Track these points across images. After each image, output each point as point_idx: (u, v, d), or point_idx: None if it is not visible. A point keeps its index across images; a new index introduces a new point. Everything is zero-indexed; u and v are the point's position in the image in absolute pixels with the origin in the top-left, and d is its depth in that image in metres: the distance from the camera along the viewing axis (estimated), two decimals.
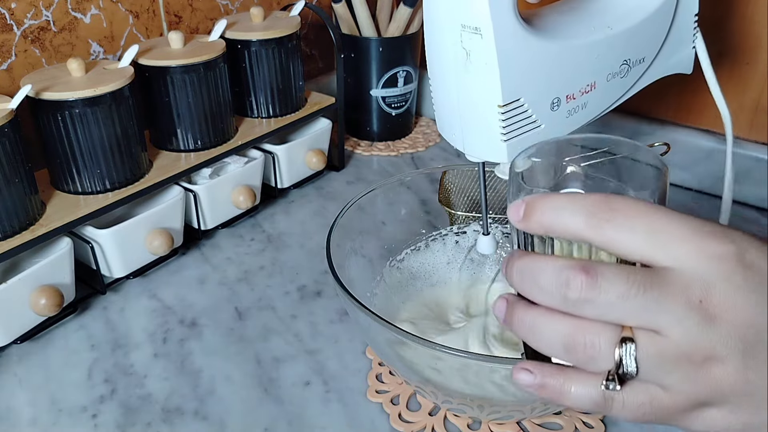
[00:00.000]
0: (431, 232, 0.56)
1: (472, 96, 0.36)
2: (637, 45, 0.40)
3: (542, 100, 0.37)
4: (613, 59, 0.39)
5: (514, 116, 0.36)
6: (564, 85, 0.37)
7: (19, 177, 0.49)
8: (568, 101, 0.38)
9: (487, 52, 0.34)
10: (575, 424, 0.44)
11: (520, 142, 0.37)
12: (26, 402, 0.46)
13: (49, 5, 0.59)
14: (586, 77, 0.38)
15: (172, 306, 0.56)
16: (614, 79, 0.39)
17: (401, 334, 0.37)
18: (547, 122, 0.37)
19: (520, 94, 0.36)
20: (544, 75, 0.36)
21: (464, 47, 0.35)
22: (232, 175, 0.64)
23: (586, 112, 0.39)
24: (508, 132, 0.36)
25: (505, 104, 0.35)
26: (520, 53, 0.35)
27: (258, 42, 0.66)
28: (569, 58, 0.37)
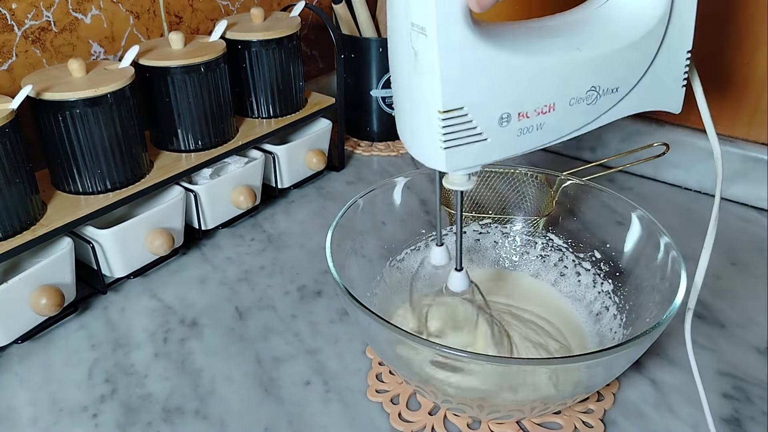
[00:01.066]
0: (431, 232, 0.56)
1: (418, 98, 0.35)
2: (610, 73, 0.37)
3: (489, 113, 0.35)
4: (578, 83, 0.36)
5: (456, 124, 0.34)
6: (515, 101, 0.35)
7: (20, 177, 0.49)
8: (521, 119, 0.35)
9: (430, 54, 0.33)
10: (575, 423, 0.44)
11: (461, 152, 0.35)
12: (27, 402, 0.46)
13: (50, 6, 0.59)
14: (543, 97, 0.36)
15: (172, 306, 0.56)
16: (579, 104, 0.37)
17: (401, 333, 0.37)
18: (493, 137, 0.35)
19: (463, 102, 0.34)
20: (492, 86, 0.34)
21: (413, 46, 0.33)
22: (233, 176, 0.64)
23: (541, 134, 0.37)
24: (447, 140, 0.35)
25: (445, 110, 0.34)
26: (465, 59, 0.33)
27: (258, 42, 0.66)
28: (524, 73, 0.35)
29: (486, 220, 0.56)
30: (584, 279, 0.53)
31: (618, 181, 0.76)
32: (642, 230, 0.48)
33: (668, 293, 0.42)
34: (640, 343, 0.37)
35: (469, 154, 0.36)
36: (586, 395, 0.42)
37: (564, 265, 0.54)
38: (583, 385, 0.39)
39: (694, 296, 0.41)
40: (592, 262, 0.52)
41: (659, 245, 0.46)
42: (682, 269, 0.42)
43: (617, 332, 0.47)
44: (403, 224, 0.55)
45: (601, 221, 0.52)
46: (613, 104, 0.38)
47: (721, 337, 0.52)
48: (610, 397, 0.46)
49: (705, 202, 0.72)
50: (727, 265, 0.61)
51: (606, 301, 0.50)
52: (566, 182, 0.53)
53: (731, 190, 0.71)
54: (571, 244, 0.54)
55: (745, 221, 0.68)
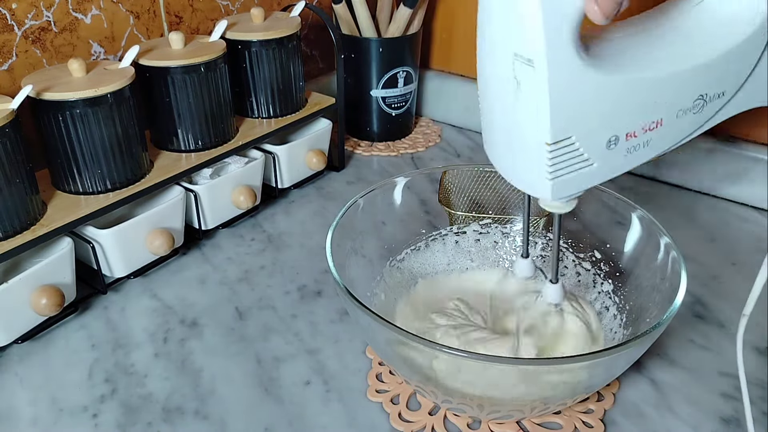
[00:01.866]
0: (431, 232, 0.56)
1: (520, 127, 0.33)
2: (717, 78, 0.34)
3: (597, 139, 0.33)
4: (686, 95, 0.34)
5: (563, 154, 0.33)
6: (624, 122, 0.33)
7: (20, 177, 0.49)
8: (628, 139, 0.34)
9: (538, 87, 0.31)
10: (575, 423, 0.44)
11: (567, 181, 0.34)
12: (27, 401, 0.46)
13: (50, 6, 0.59)
14: (652, 114, 0.34)
15: (172, 306, 0.56)
16: (686, 115, 0.35)
17: (401, 333, 0.37)
18: (600, 161, 0.34)
19: (572, 132, 0.32)
20: (601, 112, 0.32)
21: (516, 77, 0.32)
22: (233, 176, 0.64)
23: (648, 150, 0.35)
24: (554, 170, 0.33)
25: (553, 142, 0.32)
26: (574, 89, 0.31)
27: (258, 42, 0.66)
28: (632, 93, 0.33)
29: (486, 220, 0.56)
30: (584, 279, 0.53)
31: (618, 181, 0.75)
32: (642, 230, 0.48)
33: (668, 293, 0.42)
34: (640, 343, 0.37)
35: (575, 181, 0.34)
36: (586, 395, 0.42)
37: (564, 265, 0.54)
38: (583, 385, 0.39)
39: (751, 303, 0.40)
40: (592, 262, 0.52)
41: (659, 245, 0.46)
42: (682, 269, 0.42)
43: (617, 332, 0.47)
44: (403, 224, 0.55)
45: (601, 221, 0.52)
46: (719, 108, 0.36)
47: (721, 337, 0.52)
48: (610, 397, 0.46)
49: (705, 202, 0.72)
50: (727, 265, 0.61)
51: (606, 301, 0.50)
52: None
53: (731, 190, 0.71)
54: (571, 244, 0.54)
55: (745, 221, 0.68)
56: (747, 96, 0.36)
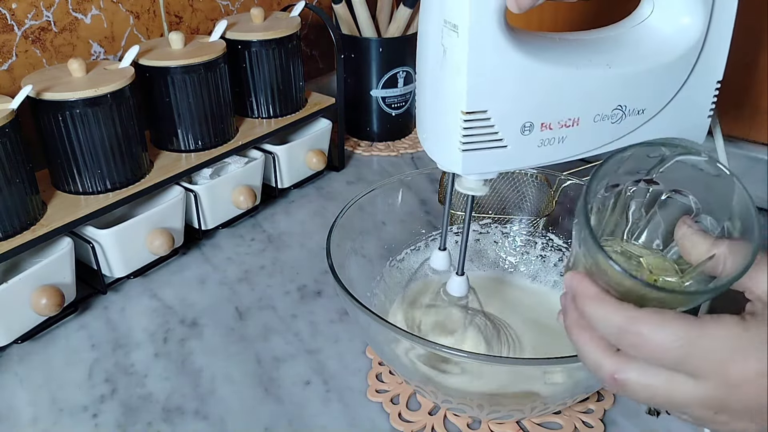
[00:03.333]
0: (431, 232, 0.56)
1: (442, 97, 0.35)
2: (638, 93, 0.36)
3: (512, 120, 0.34)
4: (605, 100, 0.35)
5: (477, 127, 0.34)
6: (540, 110, 0.35)
7: (20, 177, 0.49)
8: (543, 130, 0.35)
9: (460, 52, 0.32)
10: (575, 423, 0.44)
11: (479, 156, 0.35)
12: (27, 401, 0.46)
13: (50, 6, 0.59)
14: (569, 110, 0.35)
15: (172, 306, 0.56)
16: (603, 122, 0.36)
17: (401, 333, 0.37)
18: (514, 144, 0.35)
19: (488, 105, 0.33)
20: (518, 93, 0.34)
21: (443, 43, 0.33)
22: (233, 175, 0.64)
23: (563, 147, 0.36)
24: (467, 142, 0.34)
25: (468, 111, 0.34)
26: (494, 61, 0.33)
27: (258, 42, 0.66)
28: (551, 83, 0.34)
29: (486, 220, 0.56)
30: None
31: None
32: None
33: None
34: None
35: (487, 159, 0.35)
36: (586, 395, 0.42)
37: (564, 265, 0.54)
38: (583, 385, 0.39)
39: None
40: None
41: None
42: None
43: None
44: (403, 224, 0.55)
45: None
46: (637, 126, 0.37)
47: None
48: (610, 397, 0.46)
49: None
50: None
51: None
52: (566, 182, 0.53)
53: None
54: (571, 245, 0.54)
55: None
56: (669, 121, 0.37)
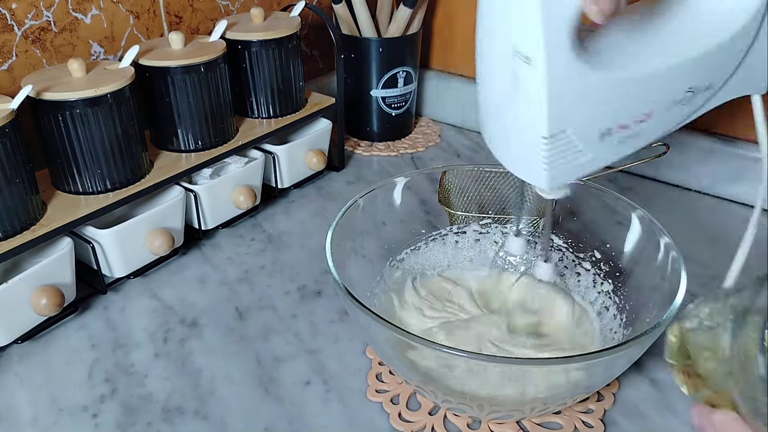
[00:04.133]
0: (431, 232, 0.56)
1: (518, 120, 0.35)
2: (706, 72, 0.36)
3: (591, 131, 0.35)
4: (676, 88, 0.35)
5: (559, 146, 0.34)
6: (617, 115, 0.35)
7: (20, 177, 0.49)
8: (620, 131, 0.35)
9: (536, 84, 0.32)
10: (575, 423, 0.44)
11: (562, 170, 0.35)
12: (27, 401, 0.46)
13: (50, 6, 0.59)
14: (644, 107, 0.35)
15: (172, 306, 0.56)
16: (675, 106, 0.36)
17: (401, 333, 0.37)
18: (593, 151, 0.35)
19: (567, 125, 0.34)
20: (595, 107, 0.34)
21: (515, 72, 0.33)
22: (233, 175, 0.64)
23: (638, 140, 0.37)
24: (550, 161, 0.35)
25: (550, 135, 0.33)
26: (570, 85, 0.33)
27: (258, 42, 0.66)
28: (625, 89, 0.34)
29: (486, 220, 0.56)
30: (584, 279, 0.53)
31: (618, 181, 0.76)
32: (642, 230, 0.48)
33: (668, 293, 0.42)
34: (640, 343, 0.37)
35: (569, 170, 0.36)
36: (586, 395, 0.42)
37: (564, 265, 0.54)
38: (583, 385, 0.39)
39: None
40: (592, 262, 0.52)
41: (659, 245, 0.46)
42: (682, 269, 0.42)
43: (617, 332, 0.47)
44: (403, 224, 0.55)
45: (601, 221, 0.52)
46: (707, 99, 0.37)
47: None
48: (610, 397, 0.46)
49: (705, 202, 0.72)
50: (728, 265, 0.61)
51: (606, 301, 0.50)
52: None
53: (731, 190, 0.71)
54: (571, 244, 0.54)
55: (745, 221, 0.68)
56: (734, 85, 0.38)
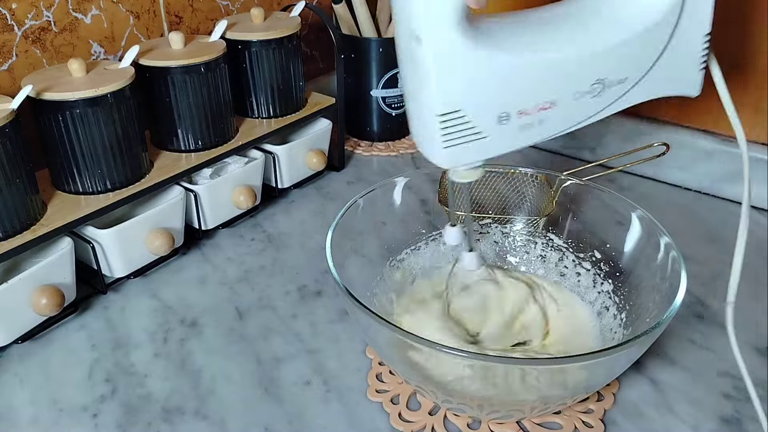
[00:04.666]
0: (431, 232, 0.56)
1: (419, 101, 0.36)
2: (616, 65, 0.35)
3: (487, 114, 0.35)
4: (582, 78, 0.35)
5: (454, 126, 0.35)
6: (514, 99, 0.35)
7: (20, 177, 0.49)
8: (521, 116, 0.35)
9: (425, 62, 0.33)
10: (575, 423, 0.44)
11: (461, 150, 0.36)
12: (27, 401, 0.46)
13: (50, 6, 0.59)
14: (544, 94, 0.35)
15: (172, 306, 0.56)
16: (583, 98, 0.36)
17: (401, 333, 0.37)
18: (493, 134, 0.36)
19: (460, 105, 0.34)
20: (489, 88, 0.34)
21: (411, 52, 0.34)
22: (233, 176, 0.64)
23: (543, 128, 0.36)
24: (446, 140, 0.35)
25: (442, 113, 0.34)
26: (460, 65, 0.33)
27: (258, 42, 0.66)
28: (522, 72, 0.34)
29: (486, 220, 0.56)
30: (584, 279, 0.53)
31: (618, 181, 0.76)
32: (642, 230, 0.48)
33: (668, 293, 0.42)
34: (640, 343, 0.37)
35: (469, 151, 0.36)
36: (586, 395, 0.42)
37: (564, 265, 0.54)
38: (583, 385, 0.39)
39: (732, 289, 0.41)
40: (592, 262, 0.52)
41: (659, 245, 0.46)
42: (682, 269, 0.42)
43: (617, 332, 0.47)
44: (403, 224, 0.55)
45: (601, 221, 0.52)
46: (622, 93, 0.37)
47: (721, 337, 0.52)
48: (610, 397, 0.46)
49: (705, 202, 0.72)
50: (728, 265, 0.61)
51: (606, 301, 0.50)
52: (566, 182, 0.53)
53: (731, 190, 0.71)
54: (571, 244, 0.54)
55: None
56: (655, 82, 0.37)
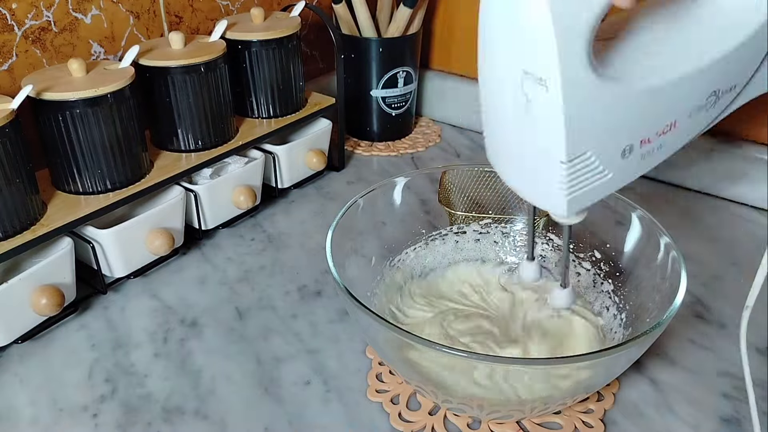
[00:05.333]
0: (431, 232, 0.56)
1: (532, 144, 0.32)
2: (730, 72, 0.33)
3: (612, 150, 0.32)
4: (700, 93, 0.33)
5: (580, 170, 0.32)
6: (639, 130, 0.32)
7: (20, 177, 0.49)
8: (643, 146, 0.33)
9: (552, 106, 0.29)
10: (575, 423, 0.44)
11: (584, 194, 0.33)
12: (27, 401, 0.46)
13: (50, 6, 0.59)
14: (666, 117, 0.33)
15: (172, 306, 0.56)
16: (699, 112, 0.34)
17: (401, 333, 0.37)
18: (615, 171, 0.33)
19: (588, 147, 0.31)
20: (615, 124, 0.31)
21: (526, 94, 0.30)
22: (233, 175, 0.64)
23: (661, 153, 0.34)
24: (570, 187, 0.32)
25: (569, 160, 0.31)
26: (589, 106, 0.30)
27: (258, 42, 0.66)
28: (647, 101, 0.31)
29: (486, 220, 0.56)
30: (584, 279, 0.53)
31: None
32: (642, 230, 0.48)
33: (668, 293, 0.42)
34: (640, 343, 0.37)
35: (591, 193, 0.33)
36: (586, 395, 0.42)
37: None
38: (583, 385, 0.39)
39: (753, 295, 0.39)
40: (592, 262, 0.52)
41: (659, 245, 0.46)
42: (682, 269, 0.42)
43: (617, 332, 0.47)
44: (403, 224, 0.55)
45: (601, 221, 0.52)
46: (731, 101, 0.35)
47: (721, 337, 0.52)
48: (610, 397, 0.46)
49: (705, 202, 0.72)
50: (728, 265, 0.61)
51: (606, 301, 0.50)
52: None
53: (731, 190, 0.71)
54: (571, 244, 0.54)
55: (745, 221, 0.68)
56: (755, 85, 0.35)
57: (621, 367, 0.40)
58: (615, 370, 0.41)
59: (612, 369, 0.40)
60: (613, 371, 0.41)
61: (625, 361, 0.40)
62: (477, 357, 0.37)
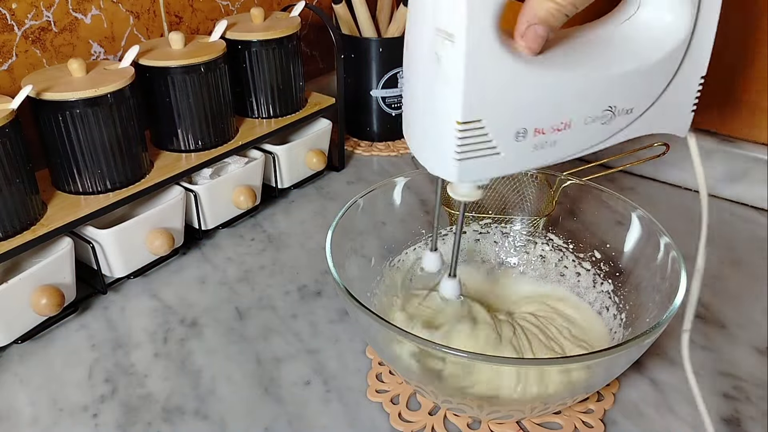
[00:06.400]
0: (431, 232, 0.56)
1: (435, 106, 0.34)
2: (628, 93, 0.36)
3: (506, 128, 0.34)
4: (596, 102, 0.35)
5: (472, 137, 0.33)
6: (534, 116, 0.34)
7: (20, 177, 0.49)
8: (536, 135, 0.35)
9: (456, 62, 0.32)
10: (575, 423, 0.44)
11: (473, 164, 0.35)
12: (27, 402, 0.46)
13: (50, 6, 0.59)
14: (561, 114, 0.35)
15: (172, 306, 0.56)
16: (594, 123, 0.36)
17: (401, 333, 0.37)
18: (507, 152, 0.35)
19: (483, 115, 0.33)
20: (513, 101, 0.33)
21: (437, 52, 0.32)
22: (233, 176, 0.64)
23: (554, 151, 0.36)
24: (462, 152, 0.34)
25: (464, 122, 0.33)
26: (491, 71, 0.32)
27: (258, 42, 0.66)
28: (546, 88, 0.34)
29: (486, 220, 0.56)
30: (584, 279, 0.53)
31: (618, 181, 0.76)
32: (642, 230, 0.48)
33: (668, 293, 0.42)
34: (640, 343, 0.37)
35: (481, 167, 0.35)
36: (586, 395, 0.42)
37: (564, 265, 0.54)
38: (583, 385, 0.39)
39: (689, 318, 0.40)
40: (592, 262, 0.52)
41: (659, 245, 0.46)
42: (682, 269, 0.42)
43: (617, 332, 0.47)
44: (403, 224, 0.55)
45: (601, 221, 0.52)
46: (626, 125, 0.37)
47: (721, 337, 0.52)
48: (610, 397, 0.46)
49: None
50: (727, 265, 0.61)
51: (606, 301, 0.50)
52: (566, 182, 0.53)
53: (731, 190, 0.71)
54: (571, 244, 0.54)
55: (745, 221, 0.68)
56: (654, 118, 0.37)
57: (621, 367, 0.40)
58: (615, 370, 0.41)
59: (612, 369, 0.40)
60: (613, 371, 0.41)
61: (625, 361, 0.40)
62: (477, 357, 0.37)
